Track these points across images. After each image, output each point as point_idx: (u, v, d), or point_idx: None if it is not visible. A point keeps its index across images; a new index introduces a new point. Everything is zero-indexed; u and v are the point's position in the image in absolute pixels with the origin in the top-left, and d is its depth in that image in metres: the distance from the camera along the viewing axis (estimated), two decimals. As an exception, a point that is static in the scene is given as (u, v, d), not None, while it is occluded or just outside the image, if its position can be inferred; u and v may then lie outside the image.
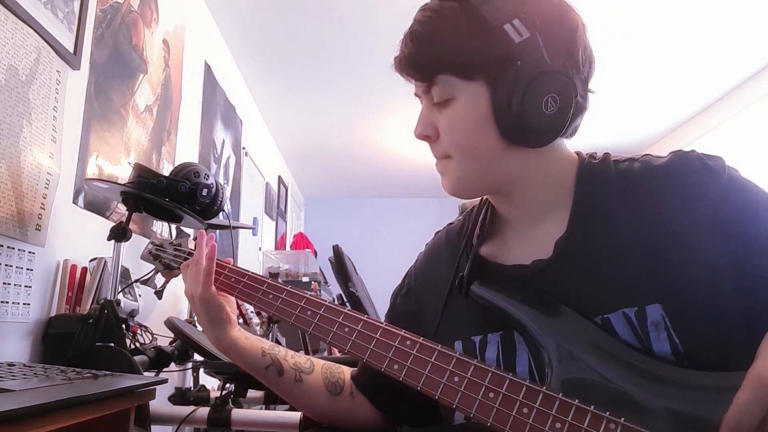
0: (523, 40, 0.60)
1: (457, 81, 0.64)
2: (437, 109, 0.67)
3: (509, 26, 0.60)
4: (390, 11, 2.54)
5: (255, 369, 0.77)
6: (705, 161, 0.62)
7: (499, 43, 0.61)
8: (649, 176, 0.64)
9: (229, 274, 0.81)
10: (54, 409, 0.63)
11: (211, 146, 2.75)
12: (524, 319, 0.61)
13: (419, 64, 0.66)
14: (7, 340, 1.19)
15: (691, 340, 0.55)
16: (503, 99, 0.61)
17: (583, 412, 0.52)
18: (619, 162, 0.68)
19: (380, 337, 0.66)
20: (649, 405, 0.52)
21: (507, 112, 0.61)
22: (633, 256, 0.60)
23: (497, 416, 0.55)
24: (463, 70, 0.63)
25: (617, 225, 0.63)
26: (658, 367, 0.54)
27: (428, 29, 0.64)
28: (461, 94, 0.64)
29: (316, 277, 3.83)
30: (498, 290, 0.65)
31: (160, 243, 0.98)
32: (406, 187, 5.69)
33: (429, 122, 0.68)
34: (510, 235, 0.72)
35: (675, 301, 0.57)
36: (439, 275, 0.77)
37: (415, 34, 0.65)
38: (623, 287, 0.59)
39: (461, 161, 0.67)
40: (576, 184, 0.68)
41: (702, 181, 0.61)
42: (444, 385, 0.59)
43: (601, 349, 0.57)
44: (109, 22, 1.66)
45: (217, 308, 0.77)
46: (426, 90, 0.67)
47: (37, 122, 1.29)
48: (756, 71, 3.28)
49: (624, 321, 0.58)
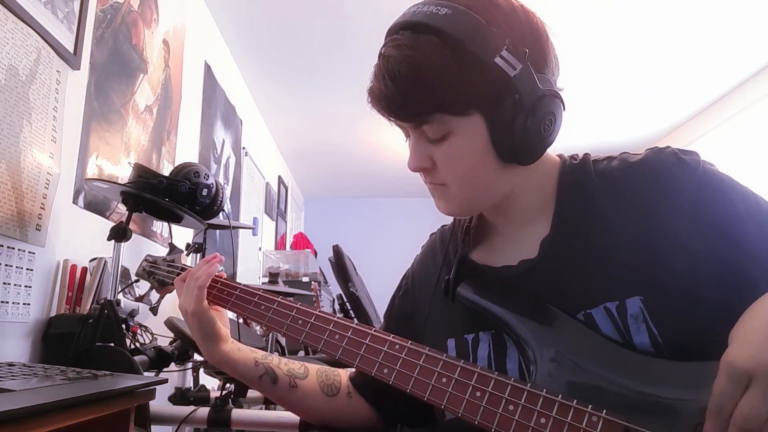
0: (517, 73, 0.59)
1: (452, 118, 0.63)
2: (431, 142, 0.66)
3: (500, 59, 0.59)
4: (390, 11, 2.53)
5: (249, 379, 0.79)
6: (680, 156, 0.64)
7: (494, 79, 0.60)
8: (627, 173, 0.66)
9: (221, 287, 0.82)
10: (54, 409, 0.63)
11: (211, 146, 2.75)
12: (508, 318, 0.63)
13: (408, 109, 0.64)
14: (7, 340, 1.19)
15: (669, 331, 0.57)
16: (503, 128, 0.61)
17: (566, 407, 0.53)
18: (598, 161, 0.70)
19: (370, 343, 0.67)
20: (630, 397, 0.54)
21: (507, 139, 0.62)
22: (615, 251, 0.62)
23: (484, 414, 0.56)
24: (457, 109, 0.62)
25: (599, 222, 0.65)
26: (638, 360, 0.56)
27: (411, 70, 0.60)
28: (457, 128, 0.63)
29: (316, 277, 3.83)
30: (482, 292, 0.67)
31: (153, 260, 1.00)
32: (406, 187, 5.68)
33: (424, 155, 0.66)
34: (498, 240, 0.74)
35: (654, 293, 0.58)
36: (433, 276, 0.79)
37: (396, 75, 0.61)
38: (606, 282, 0.61)
39: (461, 189, 0.67)
40: (558, 186, 0.70)
41: (677, 175, 0.63)
42: (432, 386, 0.60)
43: (582, 344, 0.59)
44: (109, 22, 1.66)
45: (209, 323, 0.77)
46: (416, 126, 0.65)
47: (37, 122, 1.29)
48: (755, 72, 3.28)
49: (605, 315, 0.59)
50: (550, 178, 0.70)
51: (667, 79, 3.37)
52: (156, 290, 1.01)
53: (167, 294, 1.01)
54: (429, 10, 0.61)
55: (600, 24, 2.70)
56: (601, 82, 3.38)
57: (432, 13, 0.61)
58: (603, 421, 0.51)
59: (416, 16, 0.62)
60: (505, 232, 0.73)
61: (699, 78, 3.36)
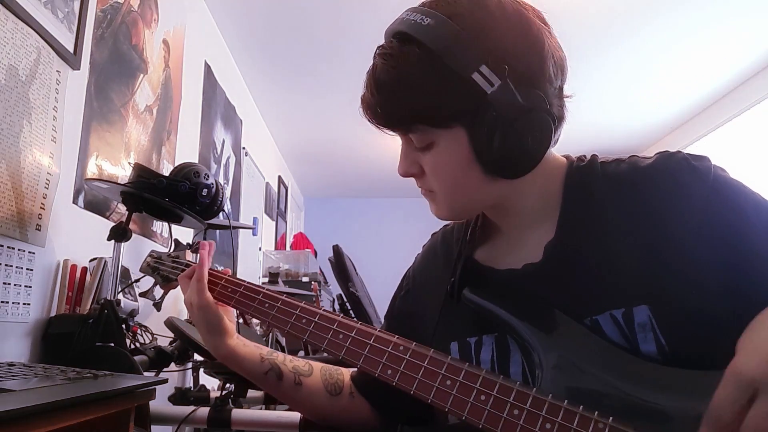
0: (494, 90, 0.58)
1: (434, 129, 0.63)
2: (418, 150, 0.66)
3: (477, 75, 0.58)
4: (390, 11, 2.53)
5: (254, 375, 0.78)
6: (691, 162, 0.62)
7: (470, 95, 0.59)
8: (636, 177, 0.65)
9: (225, 284, 0.82)
10: (54, 409, 0.63)
11: (211, 146, 2.75)
12: (514, 322, 0.63)
13: (390, 117, 0.64)
14: (7, 340, 1.19)
15: (677, 340, 0.56)
16: (484, 142, 0.61)
17: (571, 413, 0.53)
18: (606, 164, 0.69)
19: (374, 343, 0.67)
20: (636, 405, 0.53)
21: (489, 153, 0.61)
22: (621, 257, 0.61)
23: (488, 418, 0.56)
24: (437, 121, 0.62)
25: (605, 227, 0.64)
26: (644, 367, 0.55)
27: (393, 79, 0.61)
28: (440, 139, 0.63)
29: (316, 277, 3.83)
30: (489, 295, 0.66)
31: (158, 255, 1.00)
32: (406, 187, 5.65)
33: (412, 161, 0.67)
34: (502, 241, 0.73)
35: (662, 302, 0.57)
36: (435, 277, 0.78)
37: (380, 83, 0.62)
38: (611, 289, 0.60)
39: (447, 196, 0.68)
40: (564, 188, 0.68)
41: (688, 182, 0.61)
42: (436, 389, 0.60)
43: (589, 350, 0.58)
44: (109, 22, 1.66)
45: (215, 317, 0.77)
46: (402, 134, 0.67)
47: (37, 122, 1.29)
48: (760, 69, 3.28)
49: (611, 322, 0.59)
50: (556, 180, 0.69)
51: (669, 77, 3.37)
52: (160, 286, 1.00)
53: (171, 290, 1.01)
54: (414, 19, 0.61)
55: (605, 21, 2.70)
56: (602, 79, 3.38)
57: (416, 22, 0.60)
58: (610, 429, 0.51)
59: (402, 24, 0.62)
60: (509, 234, 0.72)
61: (702, 76, 3.36)
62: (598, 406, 0.52)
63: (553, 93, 0.64)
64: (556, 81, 0.64)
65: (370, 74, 0.64)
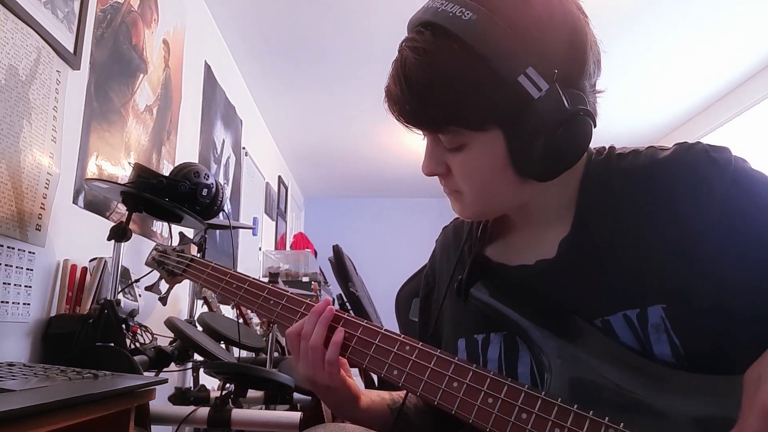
0: (541, 95, 0.54)
1: (468, 131, 0.59)
2: (447, 150, 0.63)
3: (524, 78, 0.54)
4: (390, 11, 2.54)
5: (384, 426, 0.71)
6: (710, 153, 0.59)
7: (513, 99, 0.55)
8: (654, 170, 0.62)
9: (230, 280, 0.81)
10: (54, 409, 0.63)
11: (211, 146, 2.74)
12: (522, 322, 0.61)
13: (420, 117, 0.61)
14: (7, 340, 1.19)
15: (692, 342, 0.54)
16: (523, 147, 0.57)
17: (581, 417, 0.51)
18: (623, 156, 0.66)
19: (379, 343, 0.65)
20: (648, 409, 0.51)
21: (527, 157, 0.58)
22: (638, 255, 0.59)
23: (496, 422, 0.54)
24: (475, 124, 0.58)
25: (621, 224, 0.61)
26: (658, 371, 0.54)
27: (427, 77, 0.57)
28: (474, 141, 0.60)
29: (316, 277, 3.83)
30: (496, 294, 0.65)
31: (163, 249, 0.99)
32: (406, 187, 5.69)
33: (439, 160, 0.64)
34: (515, 236, 0.71)
35: (678, 301, 0.55)
36: (446, 273, 0.77)
37: (412, 81, 0.57)
38: (627, 288, 0.58)
39: (476, 198, 0.64)
40: (581, 183, 0.66)
41: (708, 175, 0.58)
42: (443, 390, 0.59)
43: (600, 352, 0.56)
44: (109, 22, 1.66)
45: (343, 390, 0.69)
46: (431, 133, 0.63)
47: (37, 122, 1.29)
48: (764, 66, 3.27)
49: (624, 323, 0.57)
50: (574, 174, 0.66)
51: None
52: (165, 280, 0.99)
53: (177, 284, 1.00)
54: (453, 11, 0.56)
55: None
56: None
57: (455, 15, 0.55)
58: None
59: (438, 16, 0.57)
60: (523, 230, 0.70)
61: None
62: (610, 411, 0.51)
63: (590, 90, 0.61)
64: (594, 77, 0.62)
65: (398, 68, 0.59)
